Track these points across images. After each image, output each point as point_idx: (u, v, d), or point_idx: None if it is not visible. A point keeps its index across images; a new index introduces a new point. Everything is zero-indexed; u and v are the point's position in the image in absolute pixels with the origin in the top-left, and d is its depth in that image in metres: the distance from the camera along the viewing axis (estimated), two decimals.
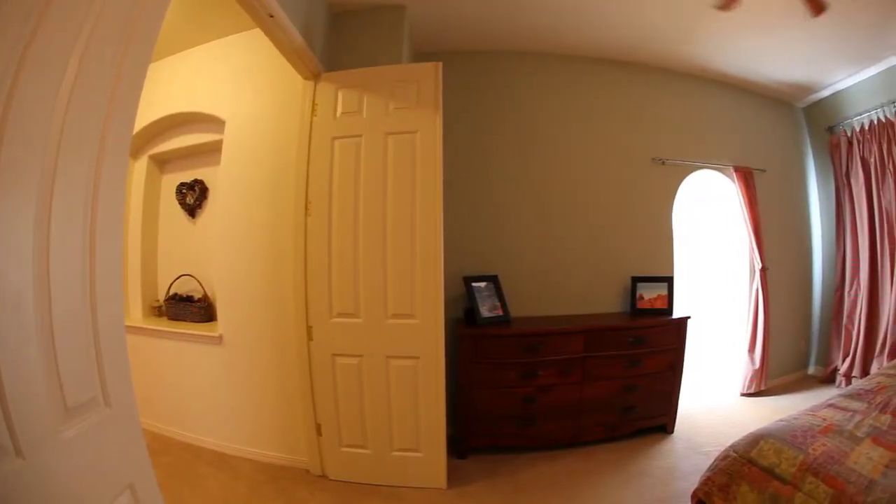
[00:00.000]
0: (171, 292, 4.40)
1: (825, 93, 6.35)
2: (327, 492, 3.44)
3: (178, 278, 4.37)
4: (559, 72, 5.03)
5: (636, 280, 4.88)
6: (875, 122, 5.66)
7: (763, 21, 4.52)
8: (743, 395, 5.78)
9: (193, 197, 4.41)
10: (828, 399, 3.15)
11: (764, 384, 5.80)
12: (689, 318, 4.58)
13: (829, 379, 6.19)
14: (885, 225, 5.63)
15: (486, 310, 4.22)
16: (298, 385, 3.61)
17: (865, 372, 5.56)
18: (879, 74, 5.66)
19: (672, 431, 4.54)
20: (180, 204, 4.49)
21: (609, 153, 5.13)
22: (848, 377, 5.79)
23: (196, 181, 4.43)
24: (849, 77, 5.95)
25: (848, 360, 5.89)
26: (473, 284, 4.26)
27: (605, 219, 5.04)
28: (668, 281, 4.84)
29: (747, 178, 5.79)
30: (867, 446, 2.37)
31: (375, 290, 3.41)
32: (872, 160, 5.73)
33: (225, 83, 4.03)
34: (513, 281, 4.57)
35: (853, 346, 5.88)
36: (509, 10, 4.18)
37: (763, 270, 5.78)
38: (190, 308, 4.26)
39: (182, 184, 4.48)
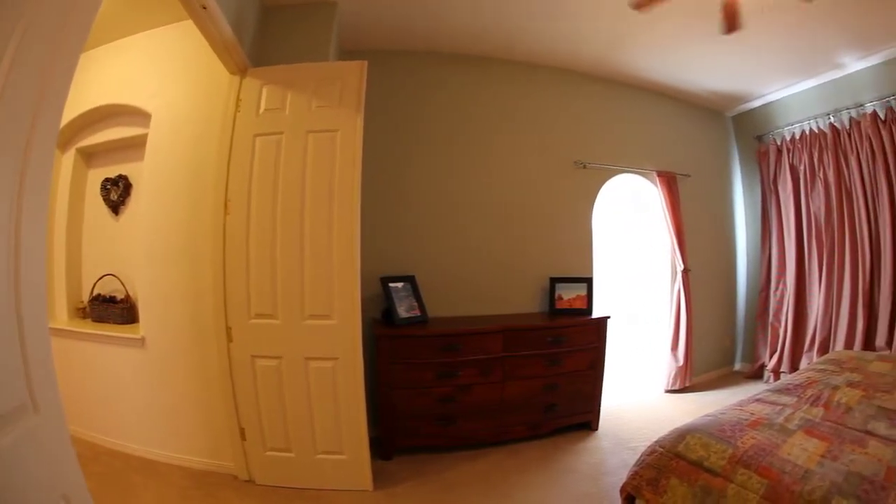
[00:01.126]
0: (95, 293, 4.20)
1: (756, 103, 6.46)
2: (254, 497, 3.32)
3: (101, 278, 4.17)
4: (485, 73, 5.01)
5: (554, 281, 4.90)
6: (807, 132, 5.77)
7: (699, 33, 4.53)
8: (668, 391, 5.85)
9: (117, 193, 4.21)
10: (755, 394, 3.22)
11: (689, 381, 5.88)
12: (608, 317, 4.61)
13: (756, 375, 6.32)
14: (814, 229, 5.76)
15: (403, 310, 4.15)
16: (220, 388, 3.48)
17: (794, 367, 5.70)
18: (815, 88, 5.77)
19: (596, 428, 4.57)
20: (104, 200, 4.28)
21: (531, 156, 5.13)
22: (776, 373, 5.92)
23: (120, 177, 4.23)
24: (784, 88, 6.05)
25: (776, 356, 6.02)
26: (390, 285, 4.19)
27: (524, 220, 5.03)
28: (587, 282, 4.87)
29: (671, 183, 5.87)
30: (800, 438, 2.41)
31: (293, 290, 3.31)
32: (802, 168, 5.85)
33: (153, 76, 3.87)
34: (430, 281, 4.52)
35: (780, 343, 6.03)
36: (441, 12, 4.13)
37: (685, 272, 5.85)
38: (112, 309, 4.07)
39: (107, 179, 4.28)
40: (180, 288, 3.65)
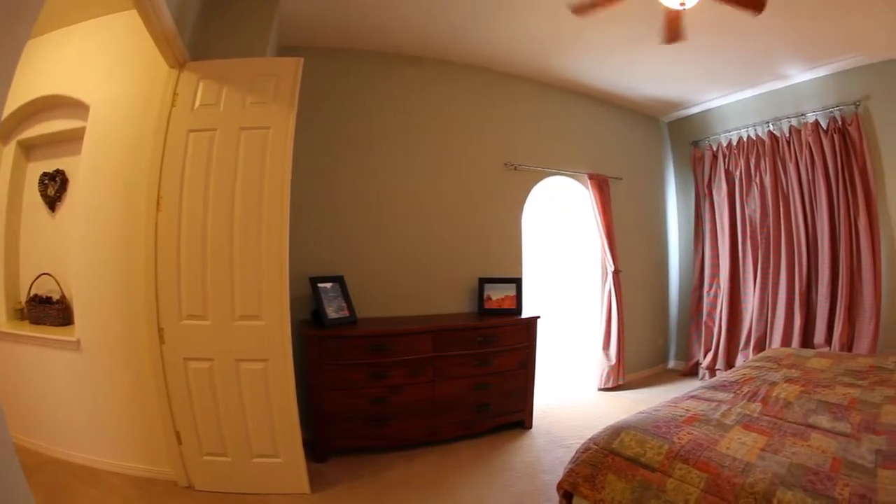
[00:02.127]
0: (32, 293, 3.85)
1: (694, 110, 6.44)
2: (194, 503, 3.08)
3: (37, 277, 3.83)
4: (420, 74, 4.80)
5: (483, 281, 4.76)
6: (745, 138, 5.78)
7: (641, 40, 4.41)
8: (601, 389, 5.76)
9: (54, 188, 3.89)
10: (689, 391, 3.13)
11: (622, 379, 5.82)
12: (538, 317, 4.55)
13: (691, 372, 6.29)
14: (749, 231, 5.78)
15: (332, 311, 3.95)
16: (155, 391, 3.21)
17: (730, 365, 5.70)
18: (756, 97, 5.77)
19: (530, 427, 4.47)
20: (41, 195, 3.95)
21: (463, 157, 4.97)
22: (712, 370, 5.90)
23: (58, 171, 3.90)
24: (723, 97, 6.02)
25: (710, 354, 6.01)
26: (319, 285, 3.98)
27: (454, 220, 4.87)
28: (517, 282, 4.75)
29: (602, 186, 5.79)
30: (738, 432, 2.36)
31: (223, 290, 3.08)
32: (738, 173, 5.86)
33: (93, 67, 3.57)
34: (360, 282, 4.31)
35: (714, 341, 6.01)
36: (380, 9, 3.92)
37: (616, 272, 5.78)
38: (49, 310, 3.74)
39: (44, 173, 3.94)
40: (115, 288, 3.36)
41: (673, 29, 3.41)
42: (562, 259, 6.80)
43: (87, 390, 3.48)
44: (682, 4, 3.05)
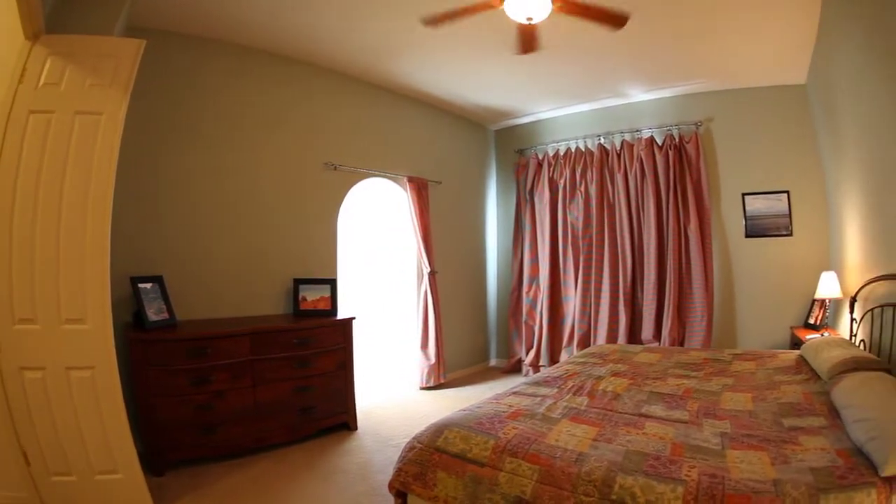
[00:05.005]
0: None
1: (523, 120, 6.64)
2: None
3: None
4: (243, 66, 4.51)
5: (298, 282, 4.66)
6: (573, 149, 6.08)
7: (479, 52, 4.50)
8: (423, 388, 5.81)
9: None
10: (511, 388, 3.16)
11: (443, 377, 5.89)
12: (353, 318, 4.53)
13: (514, 369, 6.51)
14: (570, 236, 6.09)
15: (152, 313, 3.69)
16: None
17: (554, 361, 5.93)
18: (589, 111, 6.08)
19: (356, 428, 4.48)
20: None
21: (284, 156, 4.79)
22: (535, 366, 6.14)
23: None
24: (555, 109, 6.27)
25: (532, 351, 6.25)
26: (140, 285, 3.69)
27: (271, 220, 4.68)
28: (332, 283, 4.70)
29: (420, 189, 5.82)
30: (566, 425, 2.40)
31: (50, 291, 2.74)
32: (563, 181, 6.14)
33: None
34: (179, 282, 4.04)
35: (536, 339, 6.26)
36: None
37: (432, 273, 5.83)
38: None
39: None
40: None
41: (527, 41, 3.49)
42: (380, 260, 6.78)
43: None
44: (530, 20, 3.06)
